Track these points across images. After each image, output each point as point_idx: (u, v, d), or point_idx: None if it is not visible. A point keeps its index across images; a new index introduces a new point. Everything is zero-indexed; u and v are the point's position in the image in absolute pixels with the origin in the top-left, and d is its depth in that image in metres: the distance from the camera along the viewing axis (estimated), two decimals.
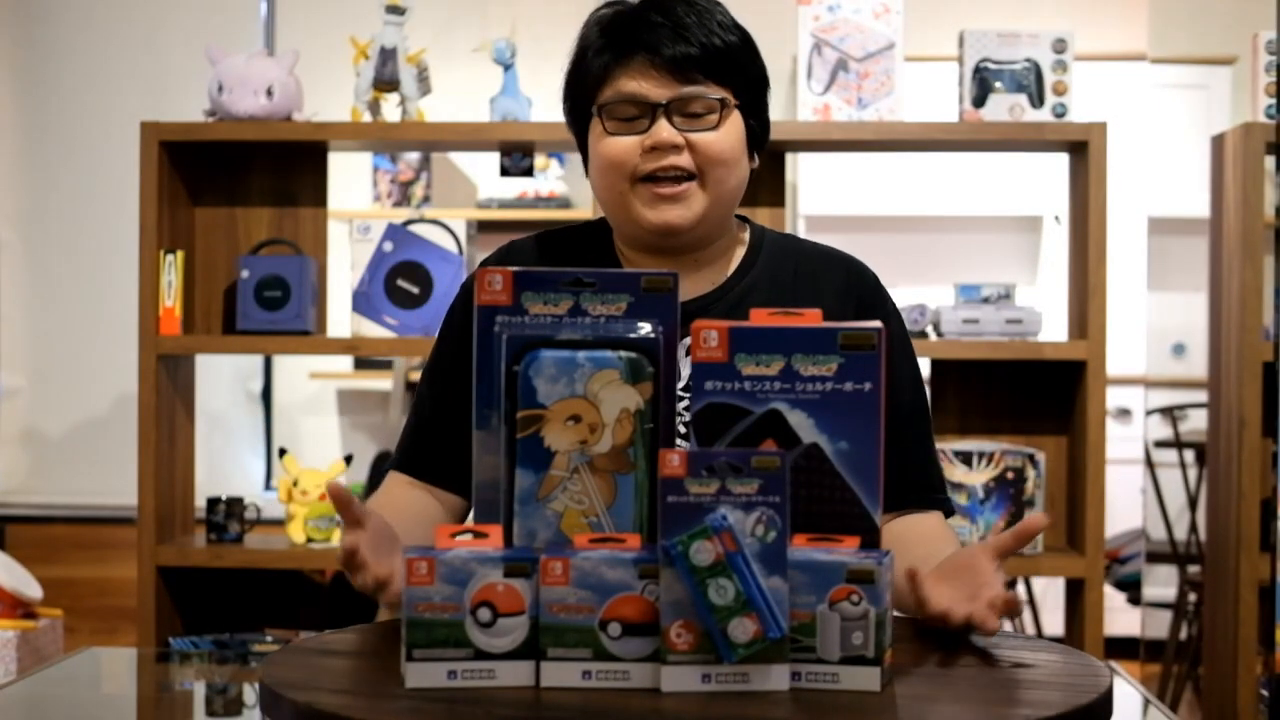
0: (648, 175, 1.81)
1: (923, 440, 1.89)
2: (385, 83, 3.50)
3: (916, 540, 1.78)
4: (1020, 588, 5.17)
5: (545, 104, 3.68)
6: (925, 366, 3.62)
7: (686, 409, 1.66)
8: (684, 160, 1.81)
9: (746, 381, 1.46)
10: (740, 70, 1.84)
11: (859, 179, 6.03)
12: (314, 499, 3.50)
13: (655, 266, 1.87)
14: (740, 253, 1.92)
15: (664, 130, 1.79)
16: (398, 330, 3.48)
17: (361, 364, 5.90)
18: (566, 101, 1.90)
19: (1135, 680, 2.52)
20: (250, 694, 2.73)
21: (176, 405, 3.56)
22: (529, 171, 3.64)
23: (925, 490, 1.88)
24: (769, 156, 3.62)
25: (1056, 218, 6.01)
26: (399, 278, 3.49)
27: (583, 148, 1.91)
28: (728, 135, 1.82)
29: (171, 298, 3.45)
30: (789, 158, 4.16)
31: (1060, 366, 3.50)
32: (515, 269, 1.53)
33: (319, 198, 3.68)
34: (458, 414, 1.85)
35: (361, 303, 3.49)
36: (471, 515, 1.57)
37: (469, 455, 1.86)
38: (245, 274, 3.49)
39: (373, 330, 3.49)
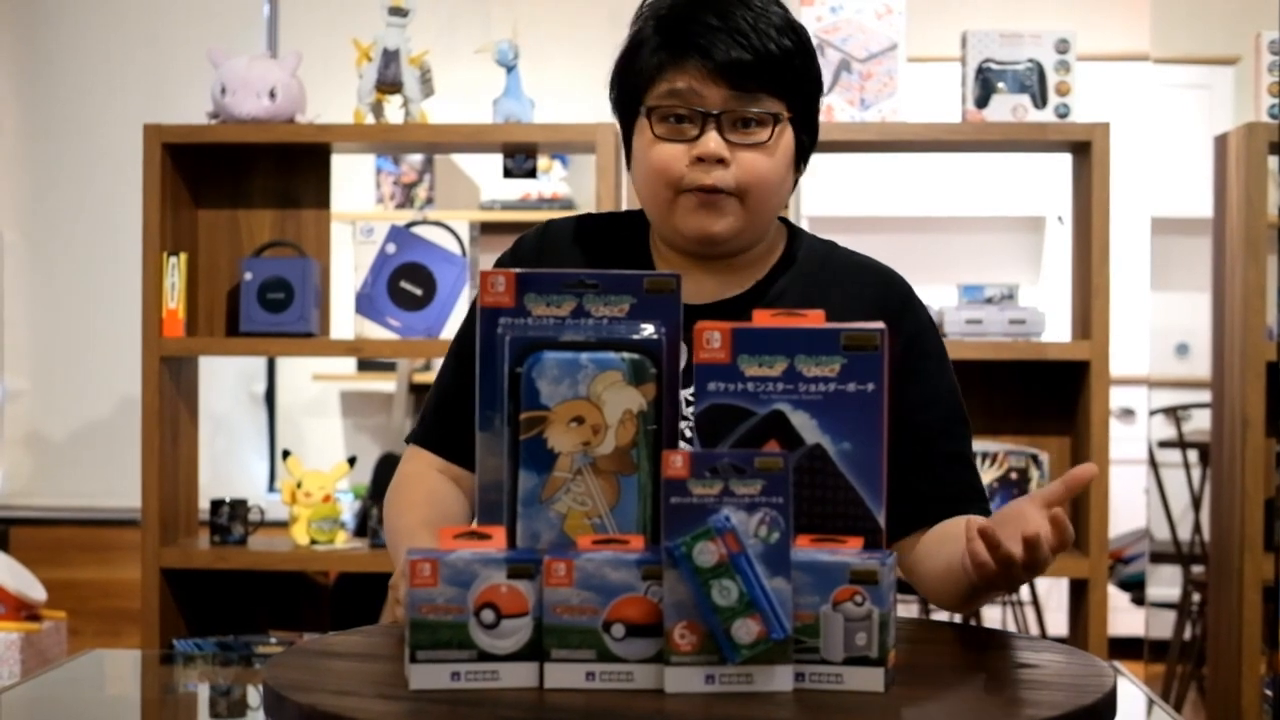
0: (689, 187, 1.77)
1: (959, 457, 1.83)
2: (388, 84, 3.50)
3: (948, 538, 1.72)
4: (1024, 588, 5.17)
5: (548, 105, 3.69)
6: None
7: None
8: (728, 177, 1.76)
9: (750, 382, 1.46)
10: (795, 78, 1.78)
11: (862, 180, 6.02)
12: (317, 501, 3.50)
13: (688, 266, 1.83)
14: (776, 256, 1.89)
15: (712, 142, 1.75)
16: (401, 332, 3.48)
17: (365, 366, 5.90)
18: (614, 91, 1.86)
19: (1139, 680, 2.52)
20: (254, 696, 2.73)
21: (180, 407, 3.56)
22: (532, 173, 3.64)
23: (962, 503, 1.80)
24: None
25: (1060, 218, 6.01)
26: (402, 279, 3.50)
27: (627, 140, 1.86)
28: (775, 155, 1.78)
29: (174, 300, 3.45)
30: None
31: (1064, 367, 3.49)
32: (518, 270, 1.53)
33: (322, 199, 3.68)
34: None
35: (364, 304, 3.49)
36: (475, 516, 1.56)
37: None
38: (248, 276, 3.49)
39: (376, 332, 3.49)
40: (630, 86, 1.82)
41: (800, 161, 1.84)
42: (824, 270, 1.87)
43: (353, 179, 5.79)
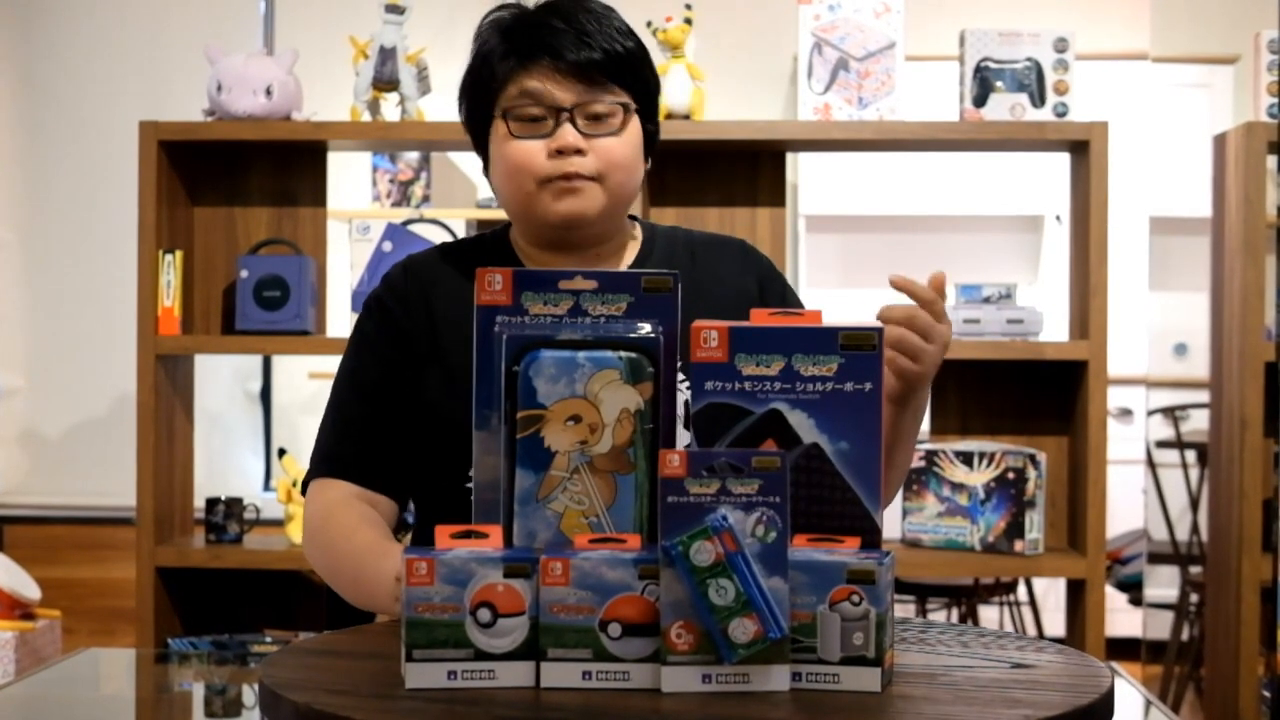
0: (550, 178, 1.85)
1: None
2: (384, 82, 3.49)
3: None
4: (1021, 589, 5.17)
5: None
6: None
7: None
8: (587, 164, 1.85)
9: (747, 381, 1.46)
10: (639, 75, 1.88)
11: (859, 179, 6.02)
12: None
13: (555, 264, 1.92)
14: (635, 246, 1.99)
15: (568, 134, 1.83)
16: None
17: None
18: (465, 103, 1.94)
19: (1137, 681, 2.52)
20: (249, 695, 2.73)
21: (175, 405, 3.55)
22: None
23: None
24: (769, 156, 3.63)
25: (1058, 217, 6.01)
26: None
27: (481, 149, 1.95)
28: (628, 140, 1.87)
29: (170, 298, 3.45)
30: (789, 158, 4.15)
31: (1061, 366, 3.49)
32: (515, 269, 1.52)
33: (318, 197, 3.68)
34: (390, 420, 1.89)
35: (361, 303, 3.48)
36: (472, 516, 1.56)
37: (405, 461, 1.87)
38: (244, 274, 3.48)
39: None
40: (482, 95, 1.90)
41: (648, 153, 1.94)
42: (685, 250, 1.99)
43: (349, 177, 5.78)
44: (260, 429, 5.91)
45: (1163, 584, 5.43)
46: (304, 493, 1.95)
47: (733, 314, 1.54)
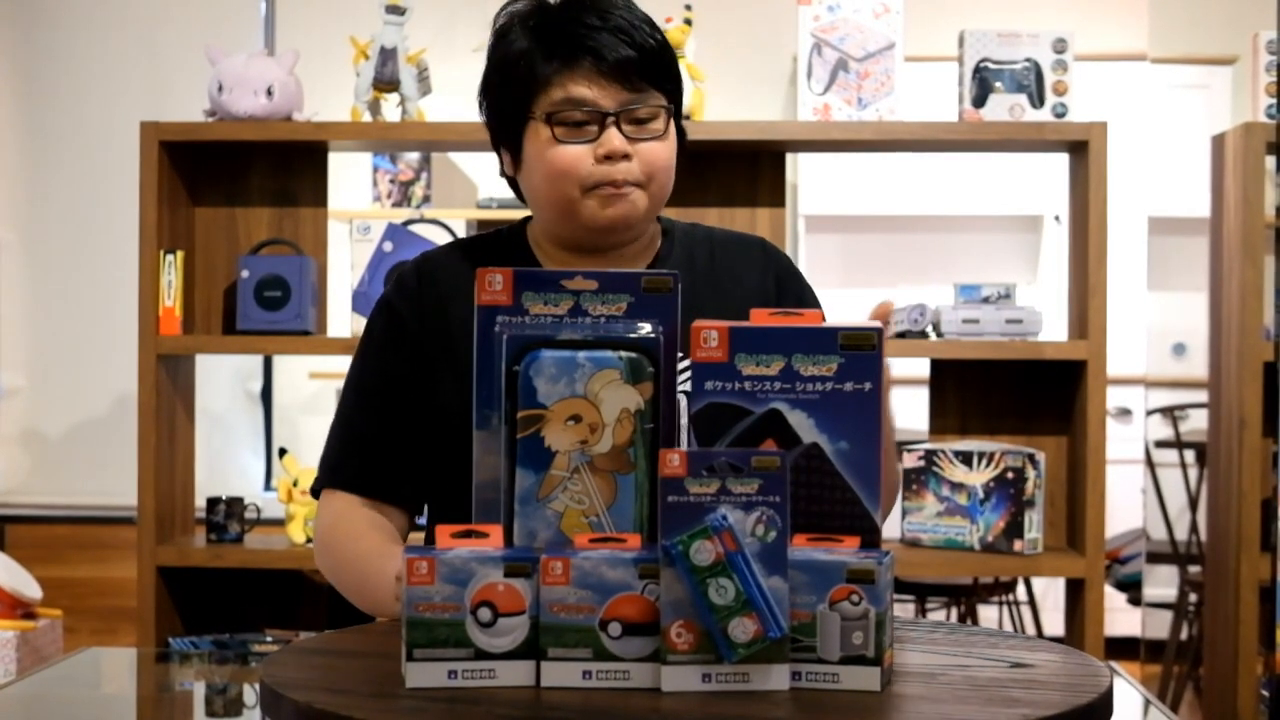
0: (596, 184, 1.84)
1: None
2: (385, 83, 3.50)
3: None
4: (1020, 588, 5.17)
5: None
6: (925, 366, 3.62)
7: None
8: (633, 170, 1.84)
9: (747, 381, 1.46)
10: (670, 72, 1.87)
11: (859, 179, 6.03)
12: (314, 499, 3.49)
13: (575, 263, 1.91)
14: (656, 247, 1.97)
15: (615, 139, 1.82)
16: None
17: None
18: (493, 101, 1.90)
19: (1135, 680, 2.52)
20: (250, 694, 2.73)
21: (176, 405, 3.55)
22: None
23: None
24: (769, 156, 3.64)
25: (1057, 217, 6.01)
26: None
27: (510, 148, 1.90)
28: (670, 144, 1.87)
29: (171, 298, 3.45)
30: (789, 158, 4.16)
31: (1060, 366, 3.50)
32: (516, 269, 1.53)
33: (319, 198, 3.68)
34: (397, 429, 1.88)
35: (361, 303, 3.49)
36: (472, 515, 1.56)
37: (413, 470, 1.86)
38: (245, 274, 3.49)
39: None
40: (516, 97, 1.85)
41: (679, 151, 1.93)
42: (705, 248, 1.98)
43: (350, 177, 5.78)
44: (261, 429, 5.91)
45: (1161, 583, 5.44)
46: (315, 496, 1.96)
47: (749, 313, 1.53)
